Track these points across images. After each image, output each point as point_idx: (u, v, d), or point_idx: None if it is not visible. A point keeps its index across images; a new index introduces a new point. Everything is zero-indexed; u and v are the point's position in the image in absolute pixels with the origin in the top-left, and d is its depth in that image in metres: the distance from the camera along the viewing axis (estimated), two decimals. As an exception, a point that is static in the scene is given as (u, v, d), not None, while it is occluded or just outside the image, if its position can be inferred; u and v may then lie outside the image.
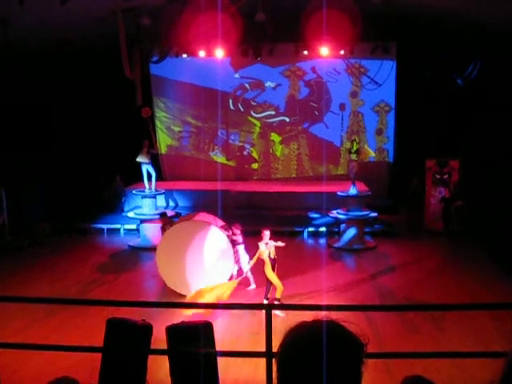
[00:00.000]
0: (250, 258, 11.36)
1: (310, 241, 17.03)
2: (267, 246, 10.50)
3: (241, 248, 11.83)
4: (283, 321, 9.41)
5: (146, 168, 16.76)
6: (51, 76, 17.50)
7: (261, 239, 10.61)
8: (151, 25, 14.44)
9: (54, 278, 13.12)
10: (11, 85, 16.74)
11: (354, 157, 16.40)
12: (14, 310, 9.87)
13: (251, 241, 11.55)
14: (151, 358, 5.89)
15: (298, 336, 1.90)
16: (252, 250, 11.20)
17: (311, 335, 1.86)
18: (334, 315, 2.03)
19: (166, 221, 15.27)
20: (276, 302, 10.41)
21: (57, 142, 18.72)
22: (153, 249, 15.67)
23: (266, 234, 10.57)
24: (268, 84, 21.22)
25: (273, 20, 14.26)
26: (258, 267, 10.90)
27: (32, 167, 17.57)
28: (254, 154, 21.94)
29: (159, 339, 5.97)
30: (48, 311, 10.05)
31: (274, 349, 4.68)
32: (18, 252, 15.51)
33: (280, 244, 10.62)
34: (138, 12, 13.93)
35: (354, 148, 16.42)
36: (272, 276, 10.56)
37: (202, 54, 17.56)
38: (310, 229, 17.36)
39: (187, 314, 9.22)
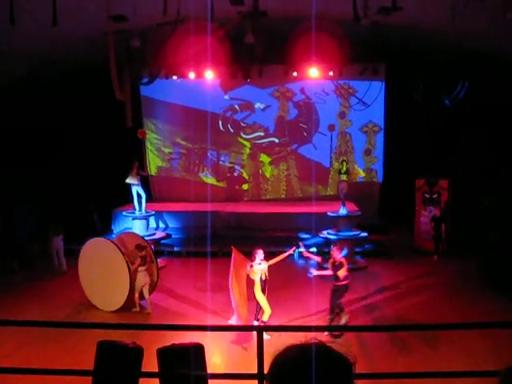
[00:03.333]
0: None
1: (301, 261, 17.00)
2: (260, 267, 10.34)
3: (143, 269, 12.17)
4: (273, 342, 9.38)
5: (136, 189, 16.74)
6: (42, 98, 17.50)
7: (253, 259, 10.45)
8: (141, 47, 14.51)
9: (44, 300, 13.02)
10: (2, 107, 16.74)
11: (343, 177, 16.45)
12: (3, 333, 9.77)
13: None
14: (142, 381, 5.84)
15: (287, 359, 1.91)
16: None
17: (300, 358, 1.87)
18: (325, 336, 2.05)
19: None
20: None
21: (47, 163, 18.67)
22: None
23: (259, 253, 10.40)
24: (257, 105, 21.33)
25: (262, 42, 14.38)
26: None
27: (24, 188, 17.50)
28: (244, 175, 21.99)
29: (150, 362, 5.93)
30: (38, 334, 9.94)
31: (266, 370, 4.68)
32: (8, 274, 15.40)
33: (274, 261, 10.47)
34: (128, 34, 14.00)
35: (344, 168, 16.48)
36: (261, 298, 10.37)
37: (191, 75, 17.67)
38: (301, 249, 17.33)
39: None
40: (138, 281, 12.15)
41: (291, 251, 10.88)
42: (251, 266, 10.35)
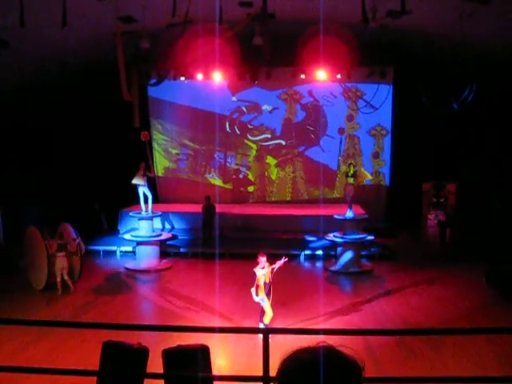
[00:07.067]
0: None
1: (307, 264, 16.98)
2: (263, 271, 10.33)
3: (60, 254, 13.30)
4: (278, 345, 9.34)
5: (143, 190, 16.74)
6: (50, 98, 17.56)
7: (257, 264, 10.42)
8: (150, 48, 14.53)
9: (49, 299, 13.04)
10: (11, 107, 16.80)
11: (351, 180, 16.39)
12: (8, 332, 9.78)
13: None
14: (147, 382, 5.84)
15: (297, 362, 1.90)
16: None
17: (310, 361, 1.86)
18: (331, 339, 2.03)
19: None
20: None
21: (55, 163, 18.73)
22: (149, 271, 15.73)
23: (262, 260, 10.35)
24: (265, 107, 21.33)
25: (270, 44, 14.36)
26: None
27: (32, 189, 17.53)
28: (250, 177, 21.99)
29: (155, 363, 5.92)
30: (42, 333, 9.96)
31: (271, 373, 4.66)
32: (13, 273, 15.39)
33: (278, 264, 10.39)
34: (137, 35, 14.02)
35: (351, 171, 16.43)
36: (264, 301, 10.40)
37: (199, 77, 17.66)
38: (307, 252, 17.33)
39: None
40: (56, 264, 13.27)
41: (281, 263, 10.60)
42: (254, 273, 10.35)
